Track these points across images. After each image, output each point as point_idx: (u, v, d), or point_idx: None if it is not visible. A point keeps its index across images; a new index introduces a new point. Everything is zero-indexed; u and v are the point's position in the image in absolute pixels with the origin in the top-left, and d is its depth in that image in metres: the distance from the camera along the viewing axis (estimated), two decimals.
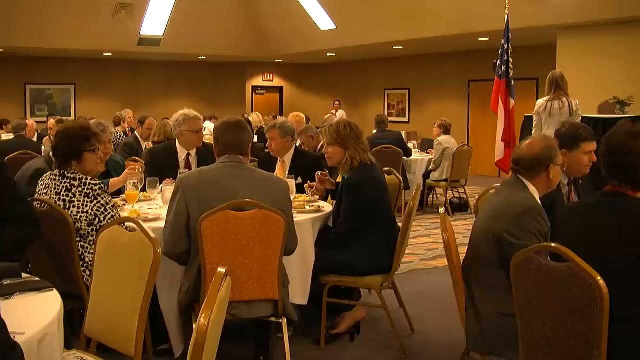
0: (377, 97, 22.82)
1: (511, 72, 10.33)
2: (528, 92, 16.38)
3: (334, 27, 18.16)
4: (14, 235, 3.92)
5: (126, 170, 5.93)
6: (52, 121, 13.48)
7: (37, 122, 14.71)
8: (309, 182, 6.07)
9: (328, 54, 21.31)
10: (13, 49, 18.69)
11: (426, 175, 12.16)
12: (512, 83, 10.37)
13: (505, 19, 10.37)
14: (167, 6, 18.14)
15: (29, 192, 4.79)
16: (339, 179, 5.89)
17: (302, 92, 25.75)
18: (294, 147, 6.84)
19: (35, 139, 12.78)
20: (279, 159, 6.81)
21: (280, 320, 4.47)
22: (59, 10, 16.93)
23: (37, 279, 3.35)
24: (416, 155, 12.57)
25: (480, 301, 4.00)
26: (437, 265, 8.13)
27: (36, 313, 2.81)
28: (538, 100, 9.17)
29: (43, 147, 10.48)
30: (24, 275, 3.44)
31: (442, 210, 4.37)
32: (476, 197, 4.76)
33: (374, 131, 12.26)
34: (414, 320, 5.77)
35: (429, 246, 9.25)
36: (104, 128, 6.11)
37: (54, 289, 3.12)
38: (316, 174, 5.97)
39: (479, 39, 15.94)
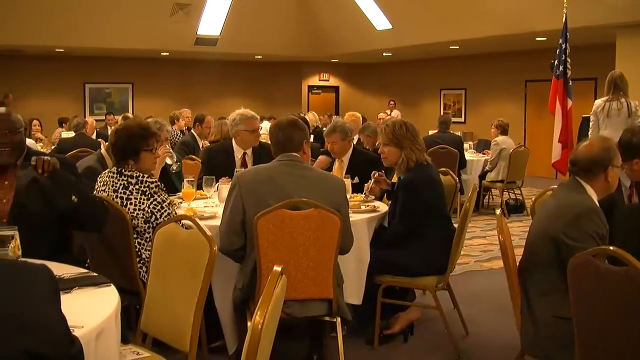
0: (433, 97, 22.70)
1: (569, 72, 10.16)
2: (586, 93, 16.12)
3: (390, 26, 18.11)
4: (92, 203, 4.25)
5: (160, 151, 5.99)
6: (119, 118, 13.71)
7: (95, 121, 14.97)
8: (366, 185, 6.05)
9: (384, 54, 21.26)
10: (73, 49, 18.99)
11: (482, 176, 12.06)
12: (570, 83, 10.19)
13: (564, 18, 10.22)
14: (224, 6, 18.27)
15: None
16: (395, 179, 5.87)
17: (358, 91, 25.73)
18: (352, 146, 6.84)
19: (94, 136, 12.98)
20: (336, 158, 6.82)
21: (335, 320, 4.46)
22: (117, 10, 17.14)
23: (95, 274, 3.41)
24: (472, 156, 12.48)
25: (536, 304, 3.95)
26: (492, 266, 8.07)
27: (94, 307, 2.85)
28: (596, 101, 9.03)
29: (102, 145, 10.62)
30: (82, 270, 3.50)
31: (498, 211, 4.33)
32: (532, 199, 4.70)
33: (430, 132, 12.19)
34: (468, 322, 5.73)
35: (484, 247, 9.18)
36: (160, 126, 6.21)
37: (112, 284, 3.17)
38: (372, 174, 5.96)
39: (536, 39, 15.75)
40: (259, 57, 22.29)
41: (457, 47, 18.53)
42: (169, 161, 6.15)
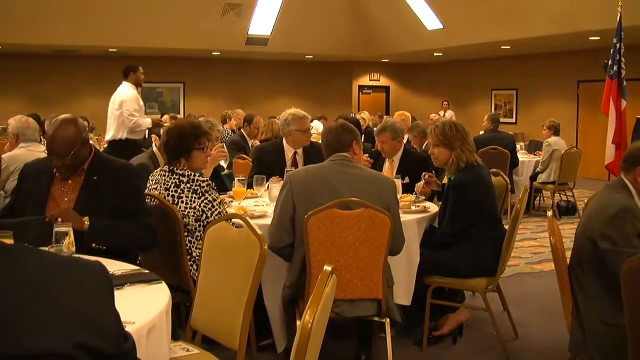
0: (484, 97, 22.54)
1: (623, 72, 9.99)
2: None
3: (441, 26, 18.03)
4: (136, 238, 4.21)
5: (213, 152, 6.00)
6: (166, 117, 13.84)
7: None
8: (417, 185, 6.03)
9: (435, 54, 21.16)
10: (125, 48, 19.20)
11: (533, 177, 11.94)
12: (624, 83, 10.03)
13: (618, 17, 10.05)
14: (275, 6, 18.34)
15: None
16: (445, 180, 5.85)
17: (408, 91, 25.65)
18: (402, 146, 6.82)
19: (145, 135, 13.08)
20: (387, 158, 6.80)
21: (384, 320, 4.46)
22: (169, 10, 17.33)
23: (146, 271, 3.44)
24: (523, 157, 12.35)
25: (583, 308, 3.90)
26: (543, 269, 7.98)
27: (145, 304, 2.88)
28: None
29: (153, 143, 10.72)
30: (134, 267, 3.54)
31: (549, 213, 4.29)
32: (584, 201, 4.64)
33: (481, 132, 12.11)
34: (518, 325, 5.68)
35: (534, 249, 9.09)
36: (211, 126, 6.24)
37: (163, 282, 3.20)
38: (422, 175, 5.95)
39: (589, 38, 15.55)
40: (310, 57, 22.33)
41: (509, 47, 18.37)
42: (222, 163, 6.12)
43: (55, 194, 4.19)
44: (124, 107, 9.37)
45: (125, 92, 9.57)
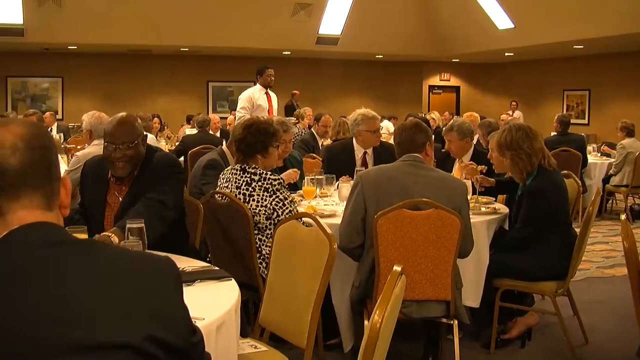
0: (555, 97, 22.20)
1: None
2: None
3: (513, 26, 17.83)
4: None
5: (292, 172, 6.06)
6: (231, 117, 13.95)
7: (220, 118, 15.28)
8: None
9: (506, 54, 20.93)
10: (197, 48, 19.45)
11: (605, 180, 11.71)
12: None
13: None
14: (345, 6, 18.37)
15: (203, 181, 5.60)
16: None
17: (479, 91, 25.42)
18: (472, 147, 6.76)
19: (218, 134, 13.21)
20: (456, 159, 6.75)
21: (451, 322, 4.44)
22: (240, 10, 17.49)
23: (216, 268, 3.49)
24: (596, 159, 12.14)
25: None
26: (615, 274, 7.83)
27: (215, 301, 2.92)
28: None
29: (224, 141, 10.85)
30: (204, 264, 3.59)
31: (623, 216, 4.21)
32: None
33: (553, 133, 11.94)
34: (588, 330, 5.58)
35: (606, 254, 8.92)
36: (287, 128, 6.26)
37: (232, 279, 3.24)
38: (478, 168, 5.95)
39: None
40: (380, 56, 22.30)
41: (582, 47, 18.08)
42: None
43: (110, 201, 4.26)
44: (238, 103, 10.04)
45: (247, 91, 10.29)
